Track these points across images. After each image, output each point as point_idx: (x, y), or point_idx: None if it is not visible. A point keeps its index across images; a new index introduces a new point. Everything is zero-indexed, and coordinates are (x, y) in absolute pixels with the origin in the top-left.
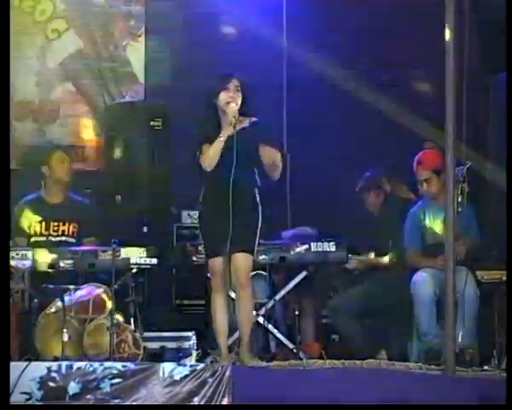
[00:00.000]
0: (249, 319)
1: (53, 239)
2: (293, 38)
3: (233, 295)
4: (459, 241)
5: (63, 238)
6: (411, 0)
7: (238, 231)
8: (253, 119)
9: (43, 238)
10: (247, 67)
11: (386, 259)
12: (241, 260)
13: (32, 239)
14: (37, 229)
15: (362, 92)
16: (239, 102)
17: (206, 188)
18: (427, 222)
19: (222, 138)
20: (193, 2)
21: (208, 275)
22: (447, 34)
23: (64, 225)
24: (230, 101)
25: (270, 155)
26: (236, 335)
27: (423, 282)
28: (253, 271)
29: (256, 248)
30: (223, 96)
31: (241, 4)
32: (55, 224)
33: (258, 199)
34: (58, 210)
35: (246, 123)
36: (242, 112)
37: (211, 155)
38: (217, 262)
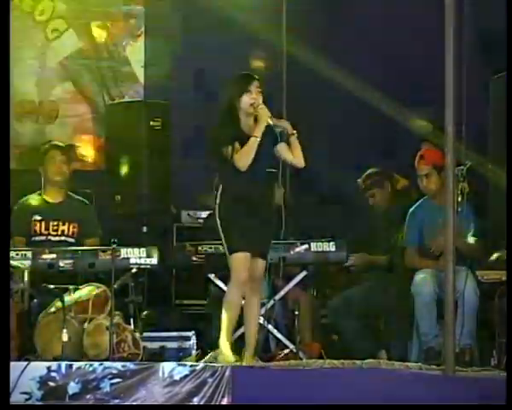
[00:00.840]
0: (257, 324)
1: (52, 239)
2: (293, 38)
3: None
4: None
5: (63, 238)
6: (411, 0)
7: (264, 235)
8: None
9: (43, 238)
10: (246, 66)
11: (386, 258)
12: (261, 267)
13: (32, 239)
14: (37, 228)
15: (362, 92)
16: (260, 102)
17: (227, 182)
18: (427, 221)
19: (258, 137)
20: (192, 1)
21: (209, 276)
22: (447, 34)
23: (64, 224)
24: (254, 102)
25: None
26: (238, 333)
27: (424, 282)
28: None
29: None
30: (246, 99)
31: (241, 4)
32: (55, 223)
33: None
34: (58, 210)
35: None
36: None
37: (247, 154)
38: (242, 257)
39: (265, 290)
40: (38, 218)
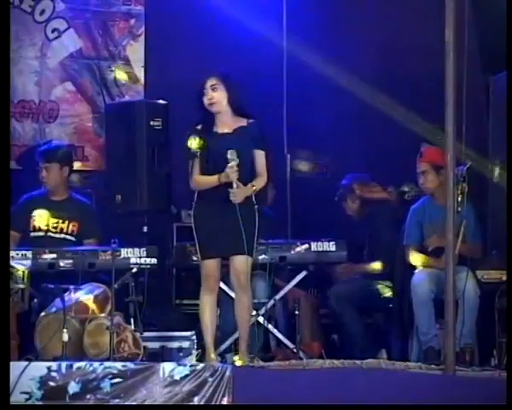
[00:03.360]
0: (248, 321)
1: (52, 235)
2: (294, 38)
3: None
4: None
5: (62, 236)
6: (412, 0)
7: (236, 233)
8: (250, 120)
9: (42, 234)
10: (246, 66)
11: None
12: (241, 263)
13: (31, 235)
14: (36, 224)
15: (362, 92)
16: (220, 100)
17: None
18: (427, 219)
19: (216, 181)
20: (193, 1)
21: None
22: (447, 34)
23: (63, 222)
24: (210, 102)
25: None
26: (235, 336)
27: (422, 282)
28: (253, 270)
29: (255, 249)
30: (204, 101)
31: (242, 4)
32: (55, 221)
33: (253, 199)
34: (58, 207)
35: (242, 123)
36: (234, 108)
37: (200, 184)
38: (211, 264)
39: (265, 290)
40: (38, 214)
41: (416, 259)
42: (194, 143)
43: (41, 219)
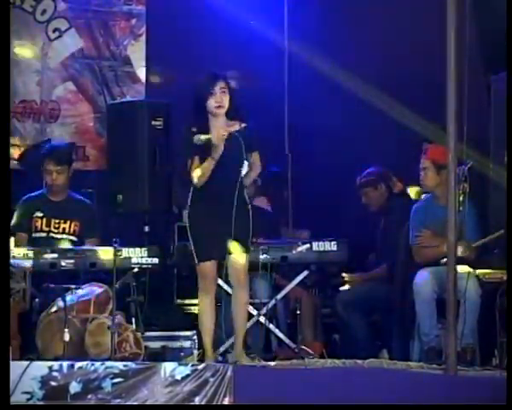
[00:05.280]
0: (245, 318)
1: (53, 235)
2: (294, 38)
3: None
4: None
5: (64, 236)
6: (413, 1)
7: (231, 233)
8: (243, 124)
9: (44, 234)
10: (247, 66)
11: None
12: (239, 261)
13: (33, 235)
14: (38, 225)
15: (363, 91)
16: (226, 104)
17: (195, 191)
18: (429, 220)
19: (214, 159)
20: (194, 1)
21: None
22: (448, 34)
23: (65, 223)
24: (218, 105)
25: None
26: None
27: (424, 282)
28: (255, 270)
29: (251, 245)
30: (211, 102)
31: (243, 4)
32: (56, 221)
33: (246, 197)
34: (60, 208)
35: (236, 127)
36: (231, 114)
37: (202, 174)
38: (208, 266)
39: (267, 290)
40: (40, 215)
41: (423, 254)
42: (199, 137)
43: (42, 219)
